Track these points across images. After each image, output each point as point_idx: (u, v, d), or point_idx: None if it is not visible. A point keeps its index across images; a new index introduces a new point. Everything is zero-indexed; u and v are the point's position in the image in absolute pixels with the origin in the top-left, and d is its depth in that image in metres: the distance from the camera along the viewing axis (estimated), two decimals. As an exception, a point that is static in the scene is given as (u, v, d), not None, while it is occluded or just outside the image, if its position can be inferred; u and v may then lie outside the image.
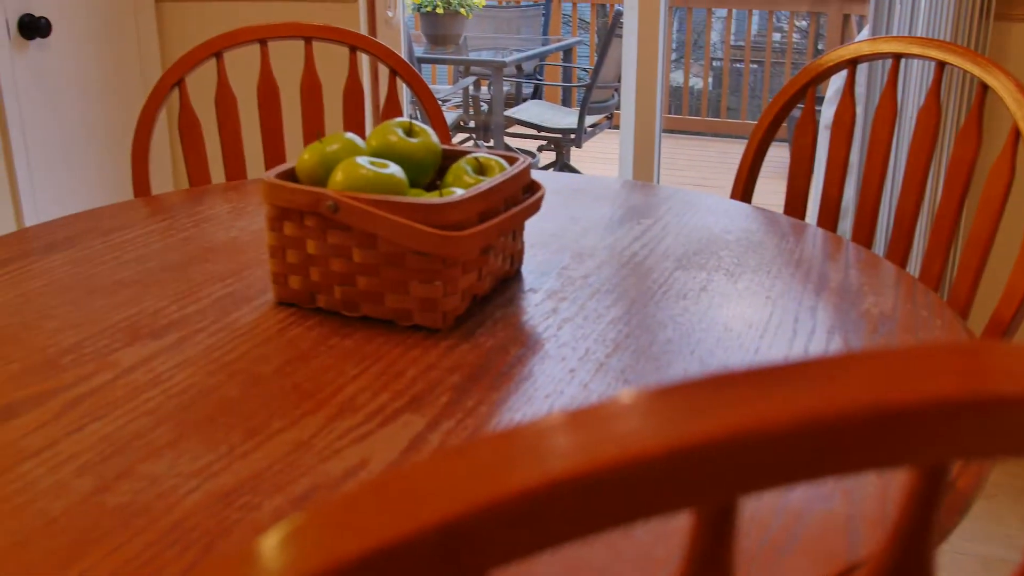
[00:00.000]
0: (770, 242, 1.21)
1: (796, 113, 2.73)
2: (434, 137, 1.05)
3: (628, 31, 2.64)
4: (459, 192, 0.94)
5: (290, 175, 1.00)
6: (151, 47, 2.93)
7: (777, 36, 6.88)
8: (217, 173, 2.81)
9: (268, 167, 1.64)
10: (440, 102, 1.79)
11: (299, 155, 1.00)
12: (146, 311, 0.99)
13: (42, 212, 2.60)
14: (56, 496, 0.68)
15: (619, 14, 4.27)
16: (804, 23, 6.81)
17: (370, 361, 0.86)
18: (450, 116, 4.74)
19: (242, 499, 0.66)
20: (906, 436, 0.31)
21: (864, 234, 1.45)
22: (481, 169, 1.02)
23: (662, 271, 1.10)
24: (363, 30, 2.75)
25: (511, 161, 1.04)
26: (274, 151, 1.65)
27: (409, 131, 1.04)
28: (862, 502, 0.66)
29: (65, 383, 0.84)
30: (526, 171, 1.02)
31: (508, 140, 4.78)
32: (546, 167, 4.50)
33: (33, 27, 2.50)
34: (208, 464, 0.71)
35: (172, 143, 3.04)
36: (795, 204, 1.53)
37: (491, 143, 4.60)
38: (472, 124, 4.85)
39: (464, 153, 1.07)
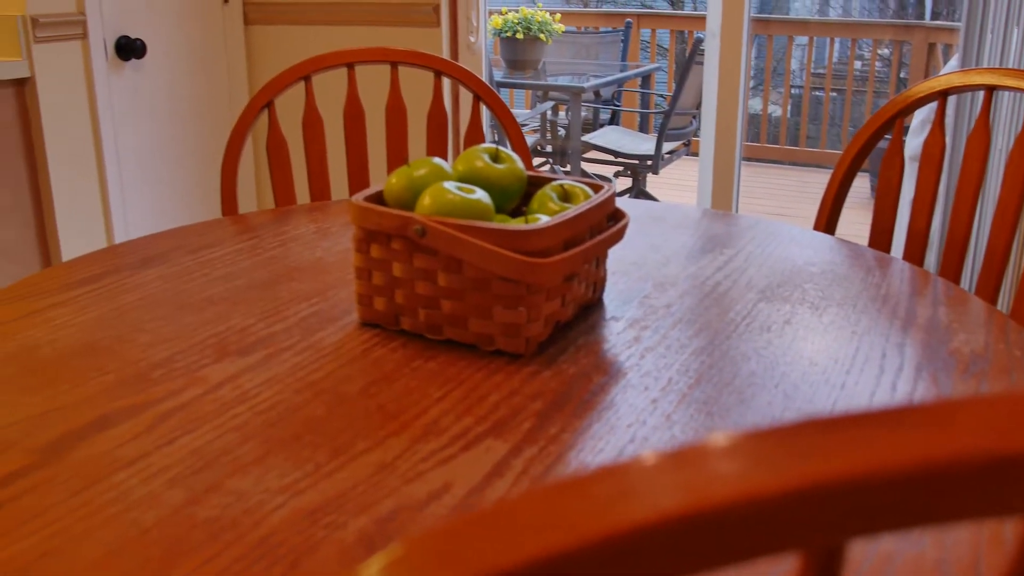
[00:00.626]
0: (855, 276, 1.19)
1: (881, 144, 2.69)
2: (519, 163, 1.06)
3: (709, 58, 2.63)
4: (544, 219, 0.94)
5: (378, 198, 1.01)
6: (239, 69, 3.01)
7: (859, 64, 6.79)
8: (302, 193, 2.87)
9: (352, 188, 1.66)
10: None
11: (386, 179, 1.02)
12: (234, 328, 1.01)
13: (131, 227, 2.68)
14: (148, 507, 0.69)
15: (699, 41, 4.26)
16: (887, 51, 6.71)
17: (453, 385, 0.87)
18: (527, 140, 4.76)
19: (327, 518, 0.67)
20: (1021, 484, 0.31)
21: (952, 269, 1.42)
22: (566, 196, 1.03)
23: (745, 303, 1.09)
24: (445, 55, 2.78)
25: (596, 189, 1.04)
26: (358, 173, 1.68)
27: (495, 157, 1.05)
28: (954, 547, 0.64)
29: (157, 396, 0.86)
30: (611, 199, 1.02)
31: (585, 165, 4.78)
32: (622, 193, 4.50)
33: (129, 48, 2.59)
34: (294, 481, 0.72)
35: (257, 163, 3.11)
36: (880, 237, 1.50)
37: (568, 168, 4.61)
38: (549, 149, 4.87)
39: (549, 180, 1.08)
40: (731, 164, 2.68)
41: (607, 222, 1.04)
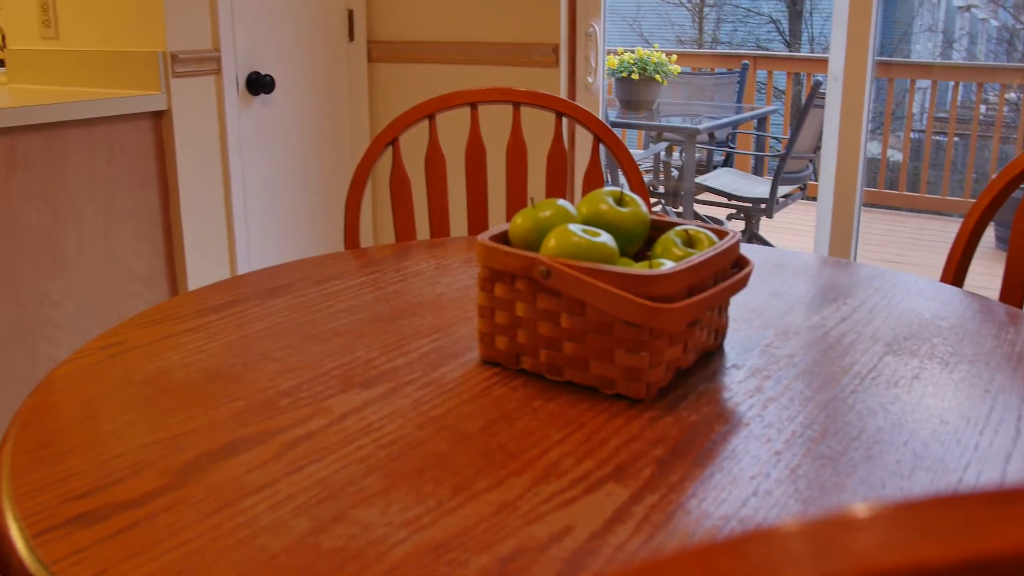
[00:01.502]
0: (987, 331, 1.15)
1: (1015, 194, 2.60)
2: (643, 208, 1.06)
3: (831, 101, 2.59)
4: (669, 264, 0.94)
5: (503, 238, 1.03)
6: (361, 105, 3.09)
7: (984, 108, 6.58)
8: (421, 229, 2.93)
9: (471, 226, 1.69)
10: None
11: (507, 218, 1.03)
12: (358, 360, 1.03)
13: (253, 256, 2.76)
14: (276, 534, 0.71)
15: (818, 84, 4.19)
16: (1015, 95, 6.49)
17: (574, 427, 0.87)
18: (639, 180, 4.75)
19: (450, 554, 0.68)
20: None
21: (1091, 328, 1.36)
22: (690, 242, 1.02)
23: (871, 355, 1.07)
24: (563, 94, 2.81)
25: (720, 235, 1.04)
26: (477, 211, 1.70)
27: (620, 200, 1.06)
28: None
29: (283, 425, 0.89)
30: (735, 246, 1.02)
31: (697, 207, 4.75)
32: (734, 235, 4.43)
33: (259, 84, 2.69)
34: (417, 516, 0.73)
35: (375, 197, 3.18)
36: (1013, 292, 1.45)
37: (680, 209, 4.58)
38: (661, 189, 4.85)
39: (673, 225, 1.08)
40: (851, 210, 2.62)
41: (731, 269, 1.03)
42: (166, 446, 0.85)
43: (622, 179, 1.79)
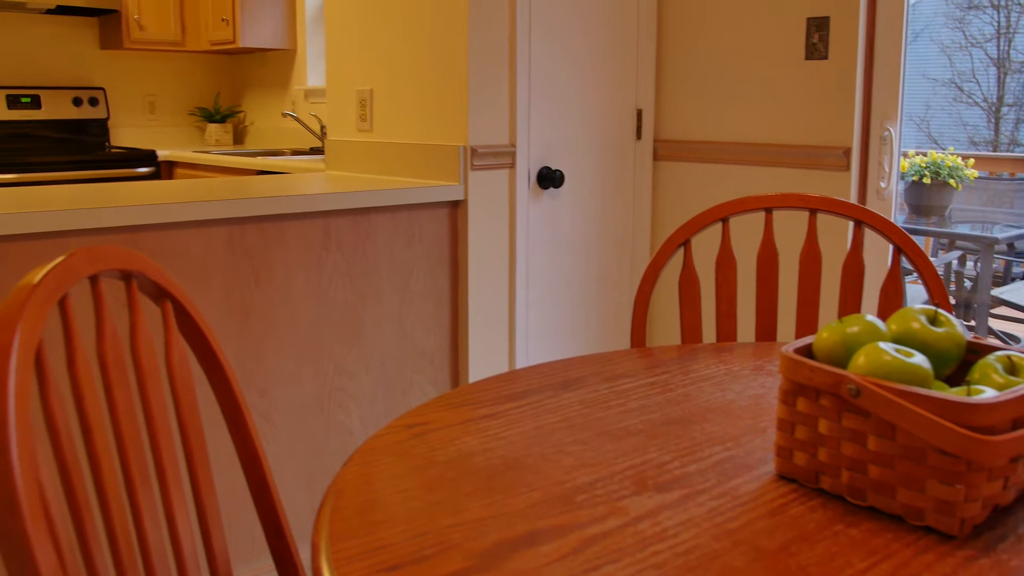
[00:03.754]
0: None
1: None
2: (960, 328, 1.01)
3: None
4: (990, 392, 0.89)
5: (807, 351, 1.01)
6: (644, 202, 3.15)
7: None
8: (707, 331, 2.92)
9: (759, 333, 1.67)
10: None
11: (817, 332, 1.01)
12: (651, 463, 1.04)
13: (532, 343, 2.85)
14: (575, 631, 0.72)
15: None
16: None
17: (879, 557, 0.83)
18: (925, 289, 4.50)
19: None
20: None
21: None
22: (1013, 369, 0.96)
23: None
24: (852, 199, 2.73)
25: (1048, 364, 0.97)
26: (766, 318, 1.68)
27: (933, 319, 1.01)
28: None
29: (580, 521, 0.90)
30: (1066, 378, 0.94)
31: (993, 322, 4.43)
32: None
33: (549, 178, 2.81)
34: (716, 633, 0.72)
35: (655, 295, 3.21)
36: None
37: (973, 323, 4.29)
38: (953, 301, 4.57)
39: (992, 349, 1.02)
40: None
41: (1059, 402, 0.96)
42: (469, 529, 0.89)
43: (922, 291, 1.71)
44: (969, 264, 4.71)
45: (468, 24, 2.59)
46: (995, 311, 4.31)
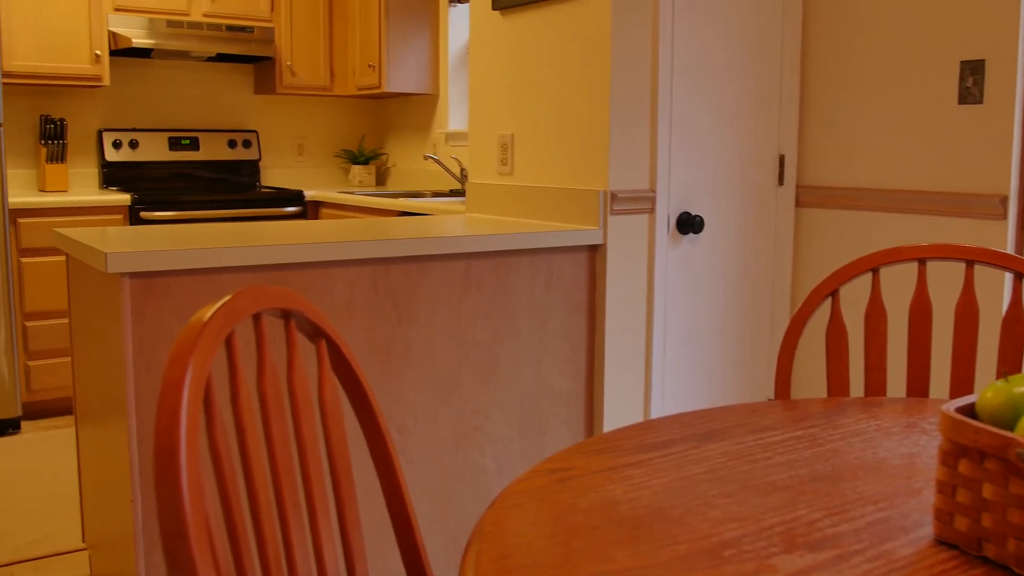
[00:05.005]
0: None
1: None
2: None
3: None
4: None
5: (969, 411, 0.97)
6: (786, 250, 3.09)
7: None
8: (854, 385, 2.84)
9: (911, 388, 1.61)
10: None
11: (981, 392, 0.97)
12: (800, 520, 1.01)
13: (668, 389, 2.82)
14: None
15: None
16: None
17: (1051, 633, 0.79)
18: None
19: None
20: None
21: None
22: None
23: None
24: (1009, 249, 2.62)
25: None
26: (919, 372, 1.62)
27: (1109, 383, 0.96)
28: None
29: (727, 576, 0.89)
30: None
31: None
32: None
33: (688, 223, 2.79)
34: None
35: (799, 346, 3.13)
36: None
37: None
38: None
39: None
40: None
41: None
42: (615, 579, 0.88)
43: (1087, 350, 1.62)
44: None
45: (610, 69, 2.61)
46: None
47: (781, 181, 3.05)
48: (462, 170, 4.74)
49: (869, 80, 2.92)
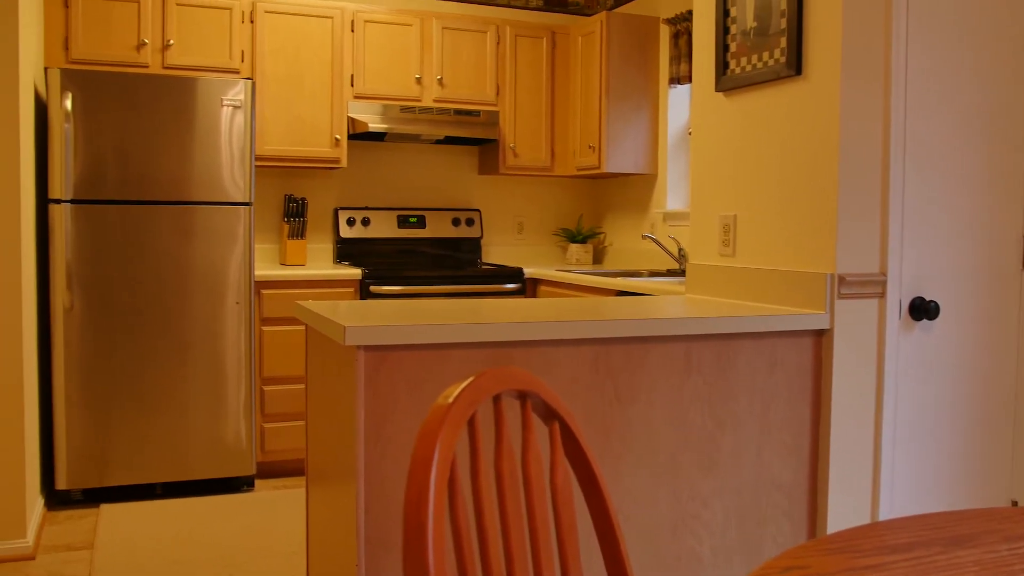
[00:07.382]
0: None
1: None
2: None
3: None
4: None
5: None
6: (1032, 338, 2.88)
7: None
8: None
9: None
10: None
11: None
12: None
13: (898, 487, 2.67)
14: None
15: None
16: None
17: None
18: None
19: None
20: None
21: None
22: None
23: None
24: None
25: None
26: None
27: None
28: None
29: None
30: None
31: None
32: None
33: (922, 309, 2.66)
34: None
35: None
36: None
37: None
38: None
39: None
40: None
41: None
42: None
43: None
44: None
45: (839, 148, 2.55)
46: None
47: (1026, 266, 2.86)
48: (680, 250, 4.72)
49: None
